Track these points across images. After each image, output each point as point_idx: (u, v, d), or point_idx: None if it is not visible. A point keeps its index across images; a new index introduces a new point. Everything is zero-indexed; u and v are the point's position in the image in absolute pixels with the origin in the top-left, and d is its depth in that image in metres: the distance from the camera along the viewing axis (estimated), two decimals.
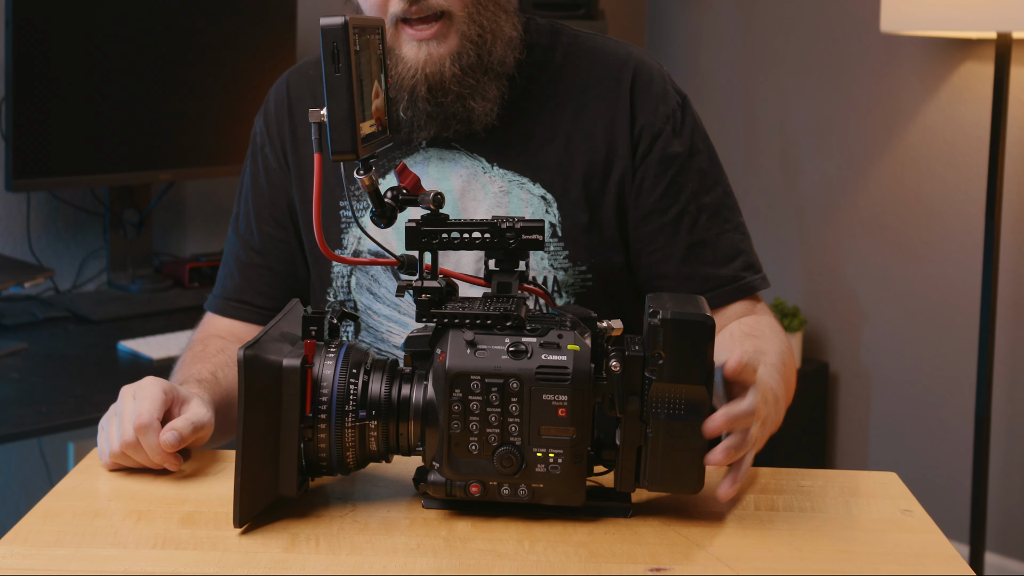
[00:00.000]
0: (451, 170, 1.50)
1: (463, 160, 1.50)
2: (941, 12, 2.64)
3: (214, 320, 1.62)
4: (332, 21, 1.09)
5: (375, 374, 1.17)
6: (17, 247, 2.77)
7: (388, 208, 1.19)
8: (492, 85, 1.46)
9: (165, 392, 1.26)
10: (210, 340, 1.57)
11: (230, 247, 1.64)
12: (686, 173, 1.50)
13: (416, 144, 1.51)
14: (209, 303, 1.64)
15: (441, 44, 1.42)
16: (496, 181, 1.49)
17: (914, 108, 3.18)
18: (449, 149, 1.51)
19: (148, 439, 1.23)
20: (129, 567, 1.07)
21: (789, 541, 1.15)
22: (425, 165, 1.51)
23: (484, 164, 1.50)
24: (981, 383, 2.80)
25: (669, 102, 1.52)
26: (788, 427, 3.64)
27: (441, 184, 1.49)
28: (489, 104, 1.46)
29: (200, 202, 3.11)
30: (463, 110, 1.45)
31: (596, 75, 1.52)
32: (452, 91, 1.43)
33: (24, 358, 2.34)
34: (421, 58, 1.42)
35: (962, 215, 3.11)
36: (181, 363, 1.53)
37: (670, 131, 1.50)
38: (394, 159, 1.51)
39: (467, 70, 1.43)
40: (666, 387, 1.12)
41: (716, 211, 1.52)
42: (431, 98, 1.43)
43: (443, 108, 1.44)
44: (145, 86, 2.76)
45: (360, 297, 1.54)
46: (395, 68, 1.44)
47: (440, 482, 1.15)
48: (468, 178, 1.49)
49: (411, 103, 1.44)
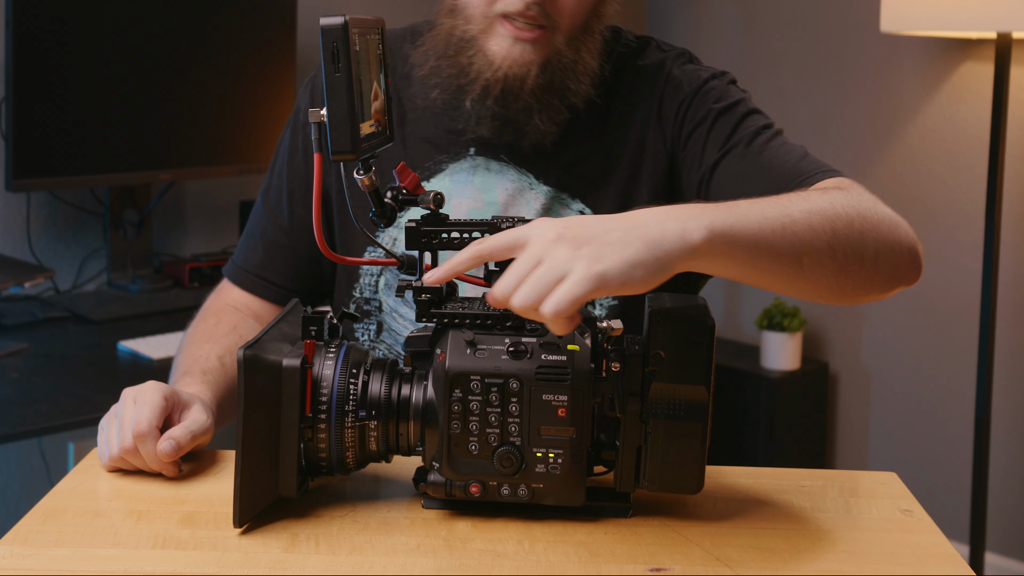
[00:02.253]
0: (497, 182, 1.48)
1: (511, 173, 1.48)
2: (941, 12, 2.64)
3: (232, 290, 1.60)
4: (332, 21, 1.09)
5: (375, 374, 1.17)
6: (17, 247, 2.77)
7: (388, 208, 1.19)
8: (562, 111, 1.44)
9: (166, 398, 1.26)
10: (224, 313, 1.55)
11: (257, 218, 1.60)
12: (730, 116, 1.45)
13: (464, 150, 1.49)
14: (229, 270, 1.61)
15: (535, 50, 1.40)
16: (540, 198, 1.48)
17: (914, 108, 3.18)
18: (497, 160, 1.49)
19: (146, 447, 1.23)
20: (129, 567, 1.07)
21: (789, 541, 1.15)
22: (471, 173, 1.49)
23: (532, 180, 1.48)
24: (981, 383, 2.80)
25: (699, 78, 1.48)
26: (788, 427, 3.64)
27: (485, 195, 1.48)
28: (552, 128, 1.44)
29: (200, 202, 3.11)
30: (525, 123, 1.43)
31: (637, 83, 1.50)
32: (524, 100, 1.41)
33: (24, 358, 2.34)
34: (512, 56, 1.39)
35: (962, 215, 3.11)
36: (191, 336, 1.51)
37: (701, 96, 1.46)
38: (440, 162, 1.50)
39: (546, 86, 1.42)
40: (666, 387, 1.12)
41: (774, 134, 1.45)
42: (501, 99, 1.41)
43: (508, 113, 1.42)
44: (145, 86, 2.76)
45: (387, 299, 1.52)
46: (474, 60, 1.41)
47: (440, 482, 1.15)
48: (514, 192, 1.48)
49: (481, 99, 1.42)
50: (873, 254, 1.20)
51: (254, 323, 1.55)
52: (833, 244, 1.17)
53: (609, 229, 1.07)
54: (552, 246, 1.05)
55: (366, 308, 1.52)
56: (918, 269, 1.27)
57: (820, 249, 1.16)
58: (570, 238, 1.05)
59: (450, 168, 1.50)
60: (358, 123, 1.11)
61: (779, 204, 1.17)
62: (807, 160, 1.39)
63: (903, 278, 1.25)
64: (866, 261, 1.20)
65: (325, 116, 1.10)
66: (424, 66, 1.47)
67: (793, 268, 1.15)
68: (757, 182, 1.38)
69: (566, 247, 1.05)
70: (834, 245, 1.17)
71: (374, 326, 1.52)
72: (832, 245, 1.17)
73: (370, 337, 1.53)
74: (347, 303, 1.55)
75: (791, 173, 1.37)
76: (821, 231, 1.16)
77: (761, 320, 3.32)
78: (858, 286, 1.21)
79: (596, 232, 1.06)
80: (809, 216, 1.16)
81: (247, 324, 1.54)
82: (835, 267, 1.17)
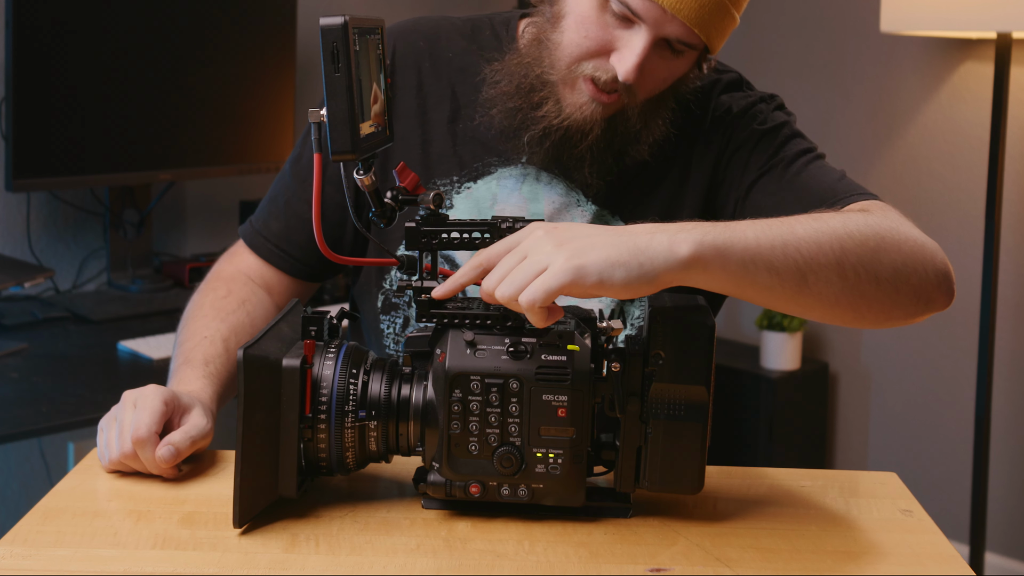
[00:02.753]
0: (545, 194, 1.47)
1: (560, 187, 1.47)
2: (941, 12, 2.64)
3: (246, 255, 1.57)
4: (332, 21, 1.09)
5: (375, 374, 1.17)
6: (17, 247, 2.77)
7: (388, 208, 1.19)
8: (613, 168, 1.43)
9: (166, 403, 1.26)
10: (236, 282, 1.53)
11: (283, 186, 1.56)
12: (772, 137, 1.45)
13: (516, 156, 1.47)
14: (246, 232, 1.57)
15: (606, 111, 1.38)
16: (586, 215, 1.47)
17: (914, 108, 3.18)
18: (547, 171, 1.47)
19: (145, 453, 1.23)
20: (129, 567, 1.07)
21: (789, 541, 1.15)
22: (520, 180, 1.48)
23: (580, 197, 1.47)
24: (981, 383, 2.80)
25: (742, 104, 1.48)
26: (788, 427, 3.64)
27: (531, 205, 1.47)
28: (599, 183, 1.43)
29: (200, 202, 3.11)
30: (575, 169, 1.43)
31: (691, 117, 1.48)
32: (580, 152, 1.40)
33: (24, 358, 2.34)
34: (585, 112, 1.37)
35: (962, 215, 3.11)
36: (199, 304, 1.50)
37: (748, 119, 1.46)
38: (490, 164, 1.48)
39: (606, 145, 1.41)
40: (666, 387, 1.12)
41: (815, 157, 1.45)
42: (559, 145, 1.40)
43: (561, 158, 1.42)
44: (145, 86, 2.76)
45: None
46: (545, 103, 1.39)
47: (440, 482, 1.15)
48: (561, 206, 1.47)
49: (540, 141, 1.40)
50: (891, 273, 1.19)
51: (264, 296, 1.53)
52: (842, 261, 1.16)
53: (597, 233, 1.10)
54: (538, 242, 1.09)
55: (394, 300, 1.51)
56: (949, 293, 1.26)
57: (826, 266, 1.16)
58: (556, 236, 1.09)
59: (499, 172, 1.48)
60: (358, 123, 1.11)
61: (784, 222, 1.18)
62: (843, 182, 1.40)
63: (932, 301, 1.25)
64: (882, 280, 1.19)
65: (325, 116, 1.10)
66: (494, 85, 1.45)
67: (796, 284, 1.15)
68: (791, 202, 1.39)
69: (551, 244, 1.09)
70: (843, 262, 1.16)
71: (400, 320, 1.51)
72: (841, 262, 1.16)
73: (395, 330, 1.51)
74: (374, 292, 1.52)
75: (824, 194, 1.38)
76: (828, 248, 1.16)
77: (761, 320, 3.32)
78: (879, 307, 1.21)
79: (583, 234, 1.10)
80: (817, 234, 1.16)
81: (257, 297, 1.52)
82: (844, 285, 1.17)
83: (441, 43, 1.53)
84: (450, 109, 1.50)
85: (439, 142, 1.50)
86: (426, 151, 1.48)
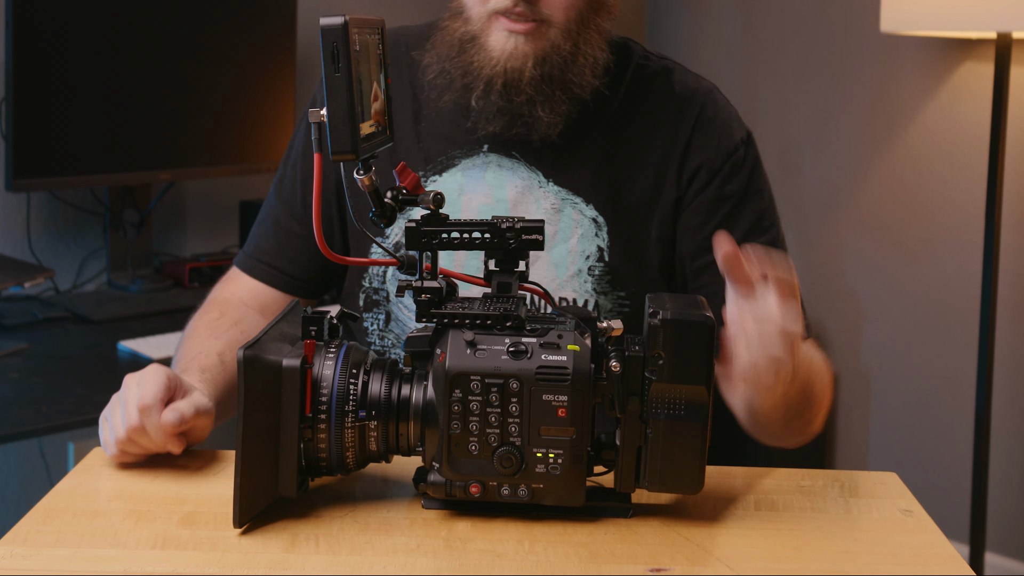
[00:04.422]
0: (508, 179, 1.51)
1: (521, 171, 1.51)
2: (941, 12, 2.63)
3: (240, 279, 1.60)
4: (332, 21, 1.09)
5: (375, 374, 1.17)
6: (17, 247, 2.77)
7: (388, 208, 1.19)
8: (565, 102, 1.46)
9: (169, 378, 1.26)
10: (228, 305, 1.56)
11: (269, 209, 1.62)
12: (741, 212, 1.50)
13: (478, 147, 1.52)
14: (239, 260, 1.62)
15: (529, 42, 1.43)
16: (549, 197, 1.50)
17: (914, 108, 3.18)
18: (509, 157, 1.51)
19: (151, 420, 1.23)
20: (129, 567, 1.07)
21: (789, 541, 1.15)
22: (483, 169, 1.51)
23: (540, 178, 1.50)
24: (981, 383, 2.80)
25: (732, 139, 1.52)
26: None
27: (496, 192, 1.50)
28: (556, 119, 1.46)
29: (200, 202, 3.11)
30: (530, 115, 1.46)
31: (662, 104, 1.53)
32: (526, 93, 1.44)
33: (24, 358, 2.34)
34: (507, 49, 1.43)
35: (962, 215, 3.11)
36: (193, 328, 1.52)
37: (728, 169, 1.51)
38: (453, 157, 1.52)
39: (546, 78, 1.44)
40: (666, 387, 1.12)
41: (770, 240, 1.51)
42: (504, 93, 1.44)
43: (512, 107, 1.45)
44: (145, 86, 2.76)
45: (392, 288, 1.53)
46: (475, 58, 1.44)
47: (440, 482, 1.15)
48: (523, 189, 1.50)
49: (485, 94, 1.45)
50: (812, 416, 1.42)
51: (258, 317, 1.55)
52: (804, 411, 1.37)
53: None
54: None
55: (375, 298, 1.53)
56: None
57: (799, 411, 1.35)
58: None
59: (463, 163, 1.52)
60: (358, 123, 1.11)
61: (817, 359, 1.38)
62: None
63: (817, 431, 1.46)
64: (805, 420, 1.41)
65: (325, 116, 1.10)
66: (434, 69, 1.50)
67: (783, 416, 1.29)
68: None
69: None
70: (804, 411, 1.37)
71: (383, 316, 1.53)
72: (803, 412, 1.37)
73: (379, 327, 1.53)
74: (357, 293, 1.55)
75: None
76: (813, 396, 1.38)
77: None
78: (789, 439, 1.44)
79: None
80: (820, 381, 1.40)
81: (250, 318, 1.54)
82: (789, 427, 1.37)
83: (400, 50, 1.58)
84: (412, 110, 1.55)
85: (404, 141, 1.54)
86: (392, 151, 1.50)
